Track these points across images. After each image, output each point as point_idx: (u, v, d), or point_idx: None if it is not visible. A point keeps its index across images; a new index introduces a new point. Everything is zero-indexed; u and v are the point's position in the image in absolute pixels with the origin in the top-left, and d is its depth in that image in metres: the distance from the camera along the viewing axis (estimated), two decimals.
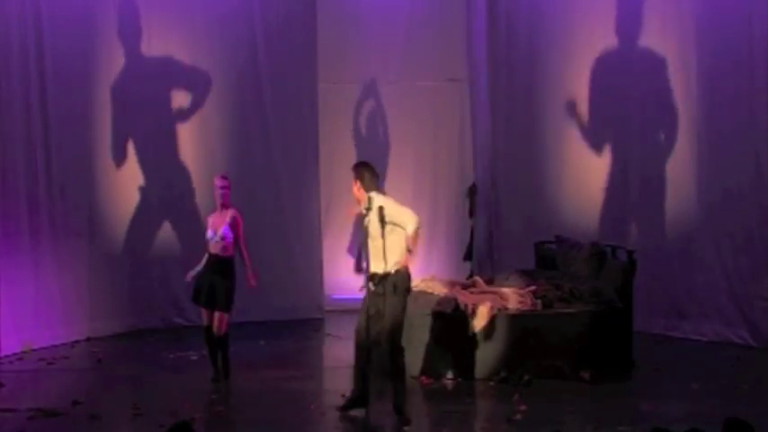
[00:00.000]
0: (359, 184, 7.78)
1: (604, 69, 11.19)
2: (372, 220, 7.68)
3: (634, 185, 11.02)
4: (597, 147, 11.29)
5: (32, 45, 10.14)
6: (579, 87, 11.33)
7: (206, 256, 8.71)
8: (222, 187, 8.73)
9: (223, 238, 8.59)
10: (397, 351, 7.64)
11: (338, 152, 11.98)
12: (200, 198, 11.12)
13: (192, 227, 11.13)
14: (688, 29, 10.47)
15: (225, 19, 11.38)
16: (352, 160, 12.04)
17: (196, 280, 8.70)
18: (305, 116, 11.73)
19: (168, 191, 11.27)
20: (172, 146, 11.27)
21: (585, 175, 11.35)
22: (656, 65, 10.75)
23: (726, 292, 10.26)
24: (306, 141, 11.71)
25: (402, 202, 12.12)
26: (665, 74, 10.72)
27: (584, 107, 11.33)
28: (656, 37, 10.79)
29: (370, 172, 7.82)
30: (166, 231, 11.22)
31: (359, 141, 12.26)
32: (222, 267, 8.60)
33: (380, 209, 7.63)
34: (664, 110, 10.74)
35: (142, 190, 11.11)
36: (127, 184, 11.04)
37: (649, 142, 10.90)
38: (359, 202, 7.82)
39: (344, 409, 7.86)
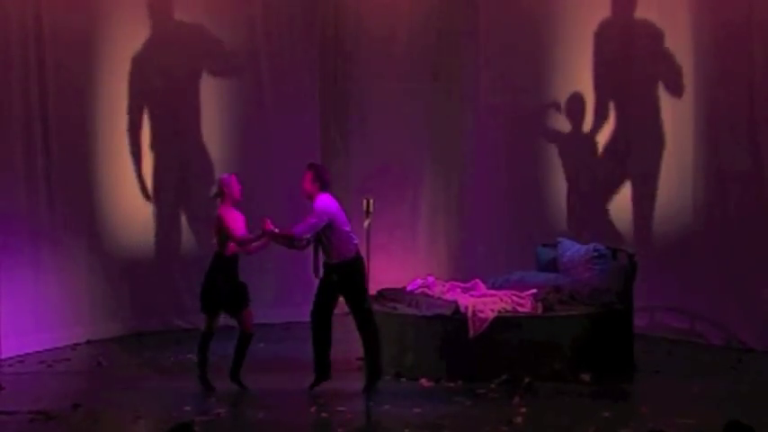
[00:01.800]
0: (318, 183, 8.35)
1: (603, 66, 11.20)
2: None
3: (635, 184, 11.03)
4: (598, 146, 11.30)
5: (32, 45, 10.14)
6: (577, 85, 11.34)
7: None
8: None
9: None
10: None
11: (337, 150, 12.03)
12: (201, 200, 11.11)
13: (193, 229, 11.14)
14: (684, 26, 10.49)
15: (226, 22, 11.39)
16: (354, 162, 12.17)
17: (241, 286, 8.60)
18: (306, 117, 11.75)
19: (169, 192, 11.27)
20: (173, 148, 11.28)
21: (586, 176, 11.36)
22: (655, 62, 10.78)
23: (727, 294, 10.24)
24: (307, 142, 11.71)
25: (401, 203, 12.31)
26: (663, 70, 10.75)
27: (583, 105, 11.34)
28: (655, 30, 10.78)
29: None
30: (167, 233, 11.22)
31: (359, 142, 12.26)
32: None
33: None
34: (663, 105, 10.75)
35: (143, 192, 11.11)
36: (127, 186, 11.04)
37: (650, 140, 10.90)
38: (309, 197, 8.37)
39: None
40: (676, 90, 10.69)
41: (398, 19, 12.13)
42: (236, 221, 8.50)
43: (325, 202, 8.41)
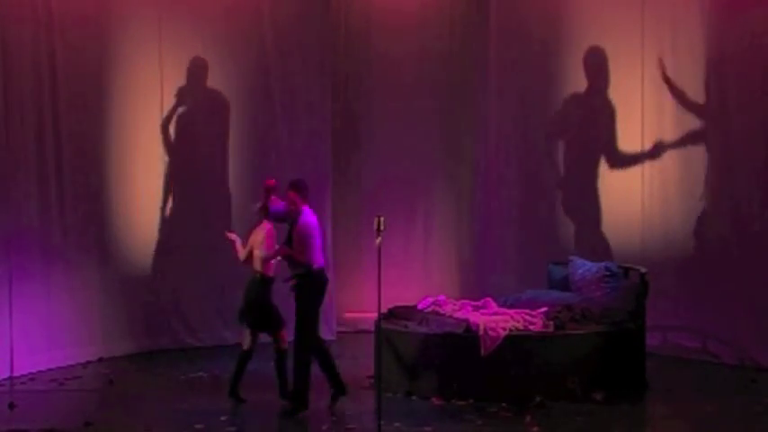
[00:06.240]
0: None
1: (617, 90, 11.22)
2: None
3: (648, 203, 11.01)
4: (610, 167, 11.31)
5: (45, 63, 10.20)
6: (589, 106, 11.35)
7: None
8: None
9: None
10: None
11: (349, 169, 12.06)
12: (213, 219, 11.13)
13: (203, 248, 11.15)
14: (699, 52, 10.51)
15: (238, 45, 11.45)
16: (365, 181, 12.19)
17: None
18: (318, 138, 11.78)
19: (180, 212, 11.29)
20: (185, 168, 11.30)
21: (598, 195, 11.35)
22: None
23: (741, 313, 10.21)
24: (319, 162, 11.73)
25: (413, 220, 12.31)
26: (676, 93, 10.77)
27: (595, 128, 11.36)
28: (668, 57, 10.81)
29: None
30: (178, 252, 11.23)
31: (371, 162, 12.28)
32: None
33: None
34: (677, 127, 10.76)
35: (154, 211, 11.14)
36: (139, 206, 11.07)
37: (663, 160, 10.89)
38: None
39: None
40: (690, 113, 10.69)
41: (408, 39, 12.17)
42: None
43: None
